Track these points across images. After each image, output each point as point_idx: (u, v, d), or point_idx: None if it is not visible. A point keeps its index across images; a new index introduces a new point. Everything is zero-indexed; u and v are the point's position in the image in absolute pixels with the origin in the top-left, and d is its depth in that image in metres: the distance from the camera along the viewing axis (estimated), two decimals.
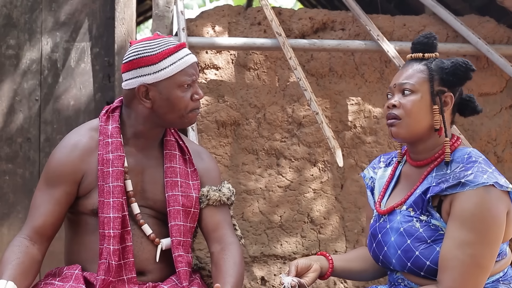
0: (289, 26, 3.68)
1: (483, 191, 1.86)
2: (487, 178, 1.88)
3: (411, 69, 2.03)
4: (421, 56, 2.04)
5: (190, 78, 2.13)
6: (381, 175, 2.23)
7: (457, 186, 1.89)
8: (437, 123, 1.98)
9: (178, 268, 2.12)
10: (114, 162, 2.12)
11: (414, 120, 1.98)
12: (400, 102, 2.00)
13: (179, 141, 2.28)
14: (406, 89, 2.00)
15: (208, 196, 2.22)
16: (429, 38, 2.05)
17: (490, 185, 1.87)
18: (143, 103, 2.13)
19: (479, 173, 1.89)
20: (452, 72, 1.97)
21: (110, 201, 2.09)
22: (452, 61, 1.99)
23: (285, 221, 3.58)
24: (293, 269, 2.13)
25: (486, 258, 1.86)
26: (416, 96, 1.99)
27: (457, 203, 1.89)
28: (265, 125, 3.59)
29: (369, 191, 2.24)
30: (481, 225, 1.85)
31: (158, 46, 2.13)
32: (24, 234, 2.10)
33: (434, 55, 2.05)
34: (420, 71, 2.01)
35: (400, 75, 2.04)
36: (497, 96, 3.75)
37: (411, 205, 2.00)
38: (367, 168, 2.31)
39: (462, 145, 2.06)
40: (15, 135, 3.59)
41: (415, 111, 1.98)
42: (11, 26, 3.62)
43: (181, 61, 2.12)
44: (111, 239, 2.06)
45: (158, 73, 2.10)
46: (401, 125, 2.00)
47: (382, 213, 2.09)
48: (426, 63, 2.02)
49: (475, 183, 1.87)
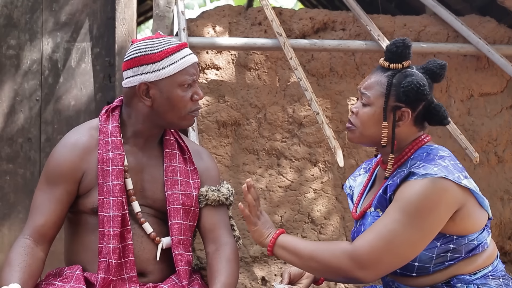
0: (289, 26, 3.68)
1: (428, 181, 1.87)
2: (437, 170, 1.89)
3: (374, 78, 2.05)
4: (387, 66, 2.04)
5: (190, 77, 2.14)
6: (360, 181, 2.27)
7: (407, 177, 1.92)
8: (384, 140, 2.01)
9: (178, 266, 2.12)
10: (114, 161, 2.12)
11: (366, 131, 2.04)
12: (358, 111, 2.05)
13: (179, 141, 2.29)
14: (363, 101, 2.04)
15: (206, 196, 2.22)
16: (398, 47, 2.02)
17: (440, 177, 1.87)
18: (144, 101, 2.14)
19: (430, 166, 1.91)
20: (405, 93, 1.97)
21: (110, 199, 2.09)
22: (409, 81, 1.96)
23: (285, 221, 3.58)
24: (286, 276, 2.18)
25: (403, 241, 1.87)
26: (371, 109, 2.02)
27: (402, 187, 1.92)
28: (266, 125, 3.59)
29: (349, 199, 2.29)
30: (412, 209, 1.87)
31: (160, 44, 2.13)
32: (26, 235, 2.10)
33: (401, 65, 2.03)
34: (380, 84, 2.02)
35: (365, 80, 2.07)
36: (497, 96, 3.74)
37: (377, 205, 2.04)
38: (348, 178, 2.35)
39: (431, 142, 2.08)
40: (15, 135, 3.60)
41: (367, 123, 2.03)
42: (12, 26, 3.62)
43: (183, 61, 2.13)
44: (111, 237, 2.06)
45: (159, 72, 2.11)
46: (354, 133, 2.07)
47: (356, 218, 2.14)
48: (389, 76, 2.02)
49: (422, 174, 1.89)
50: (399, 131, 2.02)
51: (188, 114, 2.16)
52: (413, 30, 3.72)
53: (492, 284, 1.96)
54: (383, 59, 2.06)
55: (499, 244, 3.70)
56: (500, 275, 2.01)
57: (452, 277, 1.97)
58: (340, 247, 1.95)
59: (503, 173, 3.72)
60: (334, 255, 1.94)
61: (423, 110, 2.03)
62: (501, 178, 3.72)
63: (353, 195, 2.27)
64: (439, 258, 1.95)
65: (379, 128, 2.02)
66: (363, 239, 1.91)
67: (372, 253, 1.88)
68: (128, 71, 2.15)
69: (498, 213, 3.68)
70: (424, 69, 2.05)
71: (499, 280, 1.99)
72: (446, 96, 3.72)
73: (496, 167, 3.72)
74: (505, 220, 3.70)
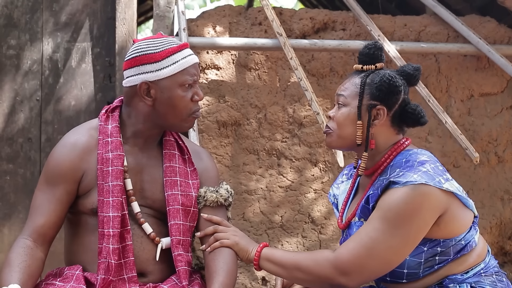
0: (290, 26, 3.69)
1: (408, 188, 1.88)
2: (417, 177, 1.89)
3: (349, 81, 2.08)
4: (360, 68, 2.08)
5: (191, 78, 2.14)
6: (343, 189, 2.28)
7: (388, 186, 1.93)
8: (359, 138, 2.02)
9: (178, 267, 2.12)
10: (114, 161, 2.12)
11: (343, 132, 2.05)
12: (335, 114, 2.07)
13: (179, 141, 2.29)
14: (339, 102, 2.07)
15: (205, 197, 2.22)
16: (371, 49, 2.07)
17: (420, 184, 1.87)
18: (144, 100, 2.14)
19: (409, 173, 1.91)
20: (378, 88, 2.00)
21: (109, 200, 2.08)
22: (381, 76, 2.00)
23: (286, 221, 3.58)
24: (278, 283, 2.21)
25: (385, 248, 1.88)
26: (346, 109, 2.05)
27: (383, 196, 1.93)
28: (266, 125, 3.59)
29: (335, 208, 2.30)
30: (392, 217, 1.88)
31: (162, 44, 2.13)
32: (26, 235, 2.10)
33: (374, 67, 2.06)
34: (354, 84, 2.06)
35: (341, 85, 2.10)
36: (497, 96, 3.74)
37: (360, 215, 2.05)
38: (332, 186, 2.36)
39: (411, 146, 2.08)
40: (16, 135, 3.60)
41: (343, 124, 2.05)
42: (12, 26, 3.62)
43: (183, 61, 2.13)
44: (110, 238, 2.06)
45: (160, 71, 2.11)
46: (332, 136, 2.08)
47: (342, 228, 2.15)
48: (362, 76, 2.05)
49: (402, 182, 1.89)
50: (377, 131, 2.03)
51: (189, 116, 2.16)
52: (413, 30, 3.72)
53: (485, 281, 1.96)
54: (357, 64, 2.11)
55: (499, 244, 3.70)
56: (493, 272, 2.01)
57: (444, 278, 1.97)
58: (322, 255, 1.98)
59: (503, 173, 3.72)
60: (317, 264, 1.97)
61: (399, 109, 2.04)
62: (501, 178, 3.72)
63: (337, 203, 2.28)
64: (427, 263, 1.95)
65: (355, 128, 2.03)
66: (345, 247, 1.94)
67: (354, 260, 1.90)
68: (129, 70, 2.15)
69: (498, 213, 3.68)
70: (399, 72, 2.07)
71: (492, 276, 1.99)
72: (446, 96, 3.72)
73: (496, 167, 3.72)
74: (505, 220, 3.70)
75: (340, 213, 2.20)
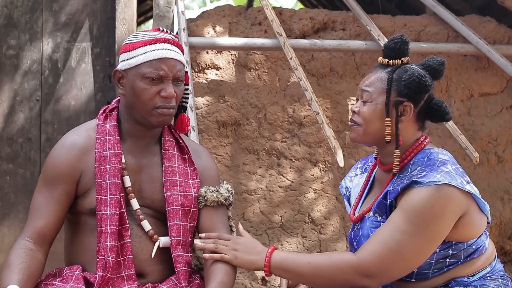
0: (289, 26, 3.68)
1: (432, 188, 1.87)
2: (440, 177, 1.88)
3: (374, 75, 2.04)
4: (386, 62, 2.04)
5: (156, 71, 2.09)
6: (357, 182, 2.25)
7: (411, 185, 1.91)
8: (388, 135, 2.00)
9: (177, 268, 2.12)
10: (112, 159, 2.12)
11: (370, 128, 2.02)
12: (360, 109, 2.03)
13: (179, 140, 2.28)
14: (364, 97, 2.03)
15: (205, 196, 2.21)
16: (397, 43, 2.02)
17: (443, 184, 1.87)
18: (118, 88, 2.16)
19: (432, 173, 1.90)
20: (406, 85, 1.97)
21: (107, 198, 2.08)
22: (410, 74, 1.97)
23: (285, 221, 3.58)
24: (284, 283, 2.17)
25: (410, 250, 1.87)
26: (372, 105, 2.01)
27: (406, 195, 1.91)
28: (266, 125, 3.59)
29: (346, 200, 2.28)
30: (418, 219, 1.86)
31: (141, 36, 2.14)
32: (26, 236, 2.10)
33: (401, 61, 2.03)
34: (380, 80, 2.02)
35: (365, 79, 2.06)
36: (497, 96, 3.74)
37: (376, 210, 2.02)
38: (344, 178, 2.33)
39: (430, 145, 2.07)
40: (16, 135, 3.60)
41: (370, 120, 2.01)
42: (12, 26, 3.62)
43: (151, 53, 2.10)
44: (108, 235, 2.06)
45: (128, 61, 2.12)
46: (357, 131, 2.05)
47: (354, 221, 2.12)
48: (389, 72, 2.02)
49: (426, 182, 1.88)
50: (402, 127, 2.01)
51: (154, 109, 2.11)
52: (413, 30, 3.72)
53: (490, 285, 1.96)
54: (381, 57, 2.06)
55: (499, 244, 3.70)
56: (498, 276, 2.01)
57: (450, 280, 1.96)
58: (343, 260, 1.94)
59: (503, 173, 3.72)
60: (339, 269, 1.93)
61: (424, 105, 2.02)
62: (501, 178, 3.72)
63: (349, 196, 2.26)
64: (438, 264, 1.95)
65: (382, 124, 2.00)
66: (369, 250, 1.90)
67: (379, 263, 1.88)
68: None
69: (498, 213, 3.68)
70: (424, 66, 2.05)
71: (497, 280, 1.99)
72: (446, 96, 3.72)
73: (496, 167, 3.72)
74: (505, 220, 3.70)
75: (353, 206, 2.17)
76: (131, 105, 2.15)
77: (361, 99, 2.05)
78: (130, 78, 2.12)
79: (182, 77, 2.16)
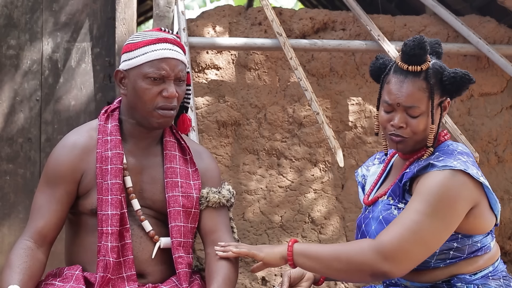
0: (289, 26, 3.69)
1: (448, 173, 1.89)
2: (456, 164, 1.90)
3: (412, 86, 1.98)
4: (419, 69, 1.98)
5: (158, 71, 2.09)
6: (374, 171, 2.26)
7: (426, 168, 1.93)
8: (430, 141, 2.00)
9: (178, 269, 2.12)
10: (113, 160, 2.12)
11: (420, 137, 2.02)
12: (406, 123, 2.00)
13: (181, 141, 2.28)
14: (413, 113, 1.99)
15: (207, 198, 2.21)
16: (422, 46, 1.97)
17: (458, 170, 1.89)
18: (120, 88, 2.15)
19: (450, 159, 1.92)
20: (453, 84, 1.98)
21: (108, 198, 2.08)
22: (450, 72, 1.97)
23: (285, 221, 3.58)
24: (285, 280, 2.16)
25: (428, 231, 1.87)
26: (424, 117, 1.99)
27: (421, 180, 1.93)
28: (266, 125, 3.59)
29: (360, 187, 2.28)
30: (435, 200, 1.87)
31: (143, 36, 2.15)
32: (27, 237, 2.10)
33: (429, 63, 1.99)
34: (421, 89, 1.97)
35: (402, 93, 1.99)
36: (497, 96, 3.75)
37: (390, 194, 2.04)
38: (361, 166, 2.34)
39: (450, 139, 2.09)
40: (16, 135, 3.60)
41: (421, 129, 2.00)
42: (12, 26, 3.62)
43: (153, 53, 2.11)
44: (109, 236, 2.06)
45: (129, 61, 2.12)
46: (408, 143, 2.02)
47: (367, 204, 2.13)
48: (425, 77, 1.97)
49: (441, 165, 1.90)
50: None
51: (155, 110, 2.11)
52: (413, 30, 3.72)
53: (492, 284, 1.97)
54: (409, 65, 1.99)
55: (499, 244, 3.70)
56: (501, 276, 2.01)
57: (453, 276, 1.97)
58: (363, 243, 1.94)
59: (503, 173, 3.72)
60: (359, 251, 1.91)
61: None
62: (501, 178, 3.72)
63: (364, 184, 2.26)
64: (441, 255, 1.95)
65: (428, 130, 2.00)
66: (388, 232, 1.89)
67: (399, 245, 1.86)
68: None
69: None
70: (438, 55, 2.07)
71: (499, 280, 1.99)
72: None
73: (496, 167, 3.72)
74: (505, 220, 3.70)
75: (368, 191, 2.18)
76: (132, 105, 2.15)
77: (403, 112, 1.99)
78: (131, 78, 2.12)
79: (184, 77, 2.16)
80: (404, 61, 1.99)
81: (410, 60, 1.98)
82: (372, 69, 2.13)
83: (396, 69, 2.02)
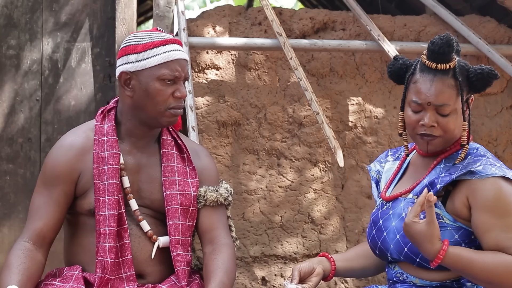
0: (289, 26, 3.68)
1: (495, 181, 1.91)
2: (495, 170, 1.92)
3: (441, 84, 1.98)
4: (447, 67, 1.98)
5: (171, 73, 2.11)
6: (388, 167, 2.25)
7: (466, 175, 1.93)
8: (464, 139, 2.01)
9: (177, 267, 2.12)
10: (110, 160, 2.12)
11: (451, 136, 2.03)
12: (437, 121, 2.00)
13: (177, 140, 2.28)
14: (444, 111, 1.99)
15: (205, 196, 2.21)
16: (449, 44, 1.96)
17: (500, 177, 1.91)
18: (124, 90, 2.14)
19: (487, 165, 1.93)
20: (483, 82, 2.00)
21: (105, 198, 2.09)
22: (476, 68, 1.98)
23: (285, 221, 3.58)
24: (296, 274, 2.11)
25: None
26: (452, 114, 2.00)
27: (476, 194, 1.92)
28: (266, 125, 3.59)
29: (374, 182, 2.26)
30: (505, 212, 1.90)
31: (148, 37, 2.14)
32: (25, 238, 2.10)
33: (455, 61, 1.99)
34: (451, 87, 1.98)
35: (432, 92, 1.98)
36: (497, 96, 3.74)
37: (417, 193, 2.02)
38: (374, 162, 2.33)
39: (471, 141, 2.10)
40: (16, 135, 3.60)
41: (452, 128, 2.01)
42: (12, 26, 3.62)
43: (165, 55, 2.11)
44: (107, 236, 2.06)
45: (140, 62, 2.11)
46: (436, 143, 2.02)
47: (386, 199, 2.11)
48: (454, 75, 1.98)
49: (484, 173, 1.91)
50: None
51: (167, 110, 2.13)
52: (413, 30, 3.72)
53: None
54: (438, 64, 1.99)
55: None
56: None
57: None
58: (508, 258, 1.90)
59: None
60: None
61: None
62: None
63: (378, 180, 2.25)
64: None
65: (460, 127, 2.02)
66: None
67: None
68: (118, 61, 2.18)
69: None
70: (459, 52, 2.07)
71: None
72: None
73: None
74: None
75: (385, 187, 2.17)
76: (140, 106, 2.14)
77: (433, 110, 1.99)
78: (142, 80, 2.11)
79: (189, 77, 2.20)
80: (432, 59, 1.99)
81: (439, 58, 1.98)
82: (392, 70, 2.12)
83: (422, 68, 2.02)
